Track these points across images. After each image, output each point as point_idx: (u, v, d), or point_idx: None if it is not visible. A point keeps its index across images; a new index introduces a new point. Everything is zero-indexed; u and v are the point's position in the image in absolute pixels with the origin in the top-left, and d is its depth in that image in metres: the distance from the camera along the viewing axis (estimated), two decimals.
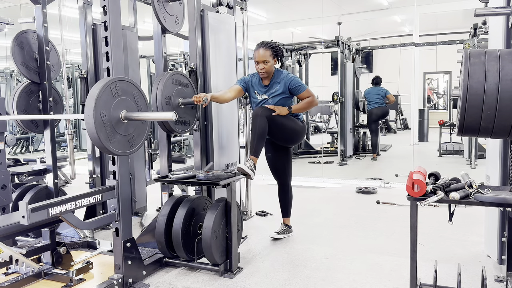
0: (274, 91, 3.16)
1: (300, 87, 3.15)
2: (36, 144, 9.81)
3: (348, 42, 7.69)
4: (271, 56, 3.10)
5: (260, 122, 2.96)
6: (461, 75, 1.96)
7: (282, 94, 3.15)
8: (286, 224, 3.46)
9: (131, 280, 2.53)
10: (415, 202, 1.98)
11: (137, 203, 4.10)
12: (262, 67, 3.10)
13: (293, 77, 3.18)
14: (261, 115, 2.98)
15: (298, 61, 8.43)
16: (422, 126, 9.42)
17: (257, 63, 3.12)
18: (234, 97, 3.22)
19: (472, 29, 6.36)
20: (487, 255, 2.89)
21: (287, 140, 3.27)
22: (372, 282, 2.56)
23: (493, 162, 2.69)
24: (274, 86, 3.17)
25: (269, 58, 3.09)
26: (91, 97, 2.10)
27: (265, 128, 2.98)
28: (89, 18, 3.55)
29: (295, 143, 3.42)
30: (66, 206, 2.15)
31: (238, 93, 3.23)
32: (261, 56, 3.09)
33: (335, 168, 7.03)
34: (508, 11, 2.20)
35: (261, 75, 3.15)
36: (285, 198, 3.41)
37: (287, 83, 3.13)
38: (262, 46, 3.11)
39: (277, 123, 3.06)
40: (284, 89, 3.14)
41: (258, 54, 3.10)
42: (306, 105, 3.20)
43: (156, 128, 4.91)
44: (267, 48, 3.10)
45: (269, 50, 3.10)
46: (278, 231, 3.40)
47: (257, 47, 3.13)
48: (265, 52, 3.09)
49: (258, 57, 3.10)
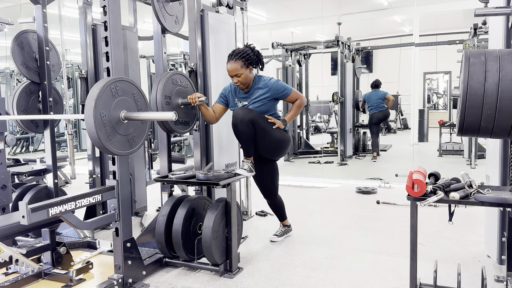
0: (254, 97, 3.01)
1: (286, 91, 3.02)
2: (36, 144, 9.81)
3: (348, 42, 7.69)
4: (243, 67, 2.92)
5: (243, 128, 2.86)
6: (461, 75, 1.96)
7: (264, 100, 2.99)
8: (285, 225, 3.46)
9: (131, 280, 2.53)
10: (415, 202, 1.98)
11: (137, 203, 4.10)
12: (236, 80, 2.95)
13: (276, 81, 3.02)
14: (242, 119, 2.85)
15: (298, 61, 8.44)
16: (422, 126, 9.42)
17: (231, 77, 2.98)
18: (219, 118, 3.14)
19: (472, 29, 6.36)
20: (487, 255, 2.89)
21: (272, 150, 3.07)
22: (372, 282, 2.56)
23: (493, 162, 2.69)
24: (255, 92, 3.02)
25: (241, 70, 2.92)
26: (91, 97, 2.10)
27: (249, 132, 2.88)
28: (89, 18, 3.55)
29: (279, 154, 3.16)
30: (66, 206, 2.15)
31: (223, 112, 3.14)
32: (232, 70, 2.93)
33: (335, 168, 7.04)
34: (508, 11, 2.20)
35: (239, 86, 3.01)
36: (277, 208, 3.38)
37: (271, 89, 2.98)
38: (231, 59, 2.94)
39: (259, 128, 2.92)
40: (268, 94, 2.99)
41: (228, 69, 2.95)
42: (297, 110, 3.11)
43: (156, 128, 4.92)
44: (237, 60, 2.92)
45: (239, 61, 2.91)
46: (278, 234, 3.38)
47: (229, 58, 2.96)
48: (235, 65, 2.91)
49: (229, 71, 2.95)
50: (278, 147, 3.08)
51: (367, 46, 8.69)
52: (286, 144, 3.11)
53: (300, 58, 8.52)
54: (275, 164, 3.25)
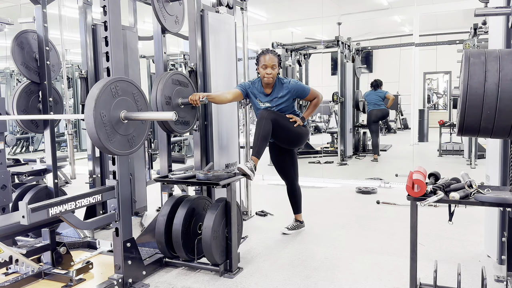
0: (276, 98, 3.19)
1: (305, 90, 3.25)
2: (36, 144, 9.81)
3: (348, 42, 7.69)
4: (278, 63, 3.16)
5: (265, 125, 3.01)
6: (461, 75, 1.96)
7: (286, 102, 3.20)
8: (298, 220, 3.58)
9: (131, 280, 2.53)
10: (415, 202, 1.98)
11: (137, 203, 4.10)
12: (270, 72, 3.11)
13: (295, 82, 3.24)
14: (267, 117, 3.02)
15: (298, 61, 8.43)
16: (422, 126, 9.42)
17: (265, 67, 3.11)
18: (233, 99, 3.22)
19: (472, 29, 6.36)
20: (487, 255, 2.89)
21: (291, 143, 3.32)
22: (372, 282, 2.56)
23: (493, 162, 2.69)
24: (277, 93, 3.20)
25: (277, 65, 3.14)
26: (91, 97, 2.10)
27: (269, 131, 3.02)
28: (89, 18, 3.55)
29: (299, 146, 3.47)
30: (66, 206, 2.15)
31: (237, 97, 3.23)
32: (271, 60, 3.11)
33: (335, 168, 7.04)
34: (508, 11, 2.20)
35: (267, 80, 3.13)
36: (294, 196, 3.53)
37: (292, 90, 3.18)
38: (270, 52, 3.16)
39: (282, 126, 3.12)
40: (289, 95, 3.19)
41: (269, 58, 3.12)
42: (314, 108, 3.37)
43: (156, 128, 4.92)
44: (275, 55, 3.16)
45: (276, 57, 3.15)
46: (289, 227, 3.52)
47: (266, 52, 3.16)
48: (274, 58, 3.13)
49: (269, 61, 3.11)
50: (299, 140, 3.33)
51: (367, 46, 8.68)
52: (305, 136, 3.37)
53: (300, 58, 8.51)
54: (294, 152, 3.52)
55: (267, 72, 3.11)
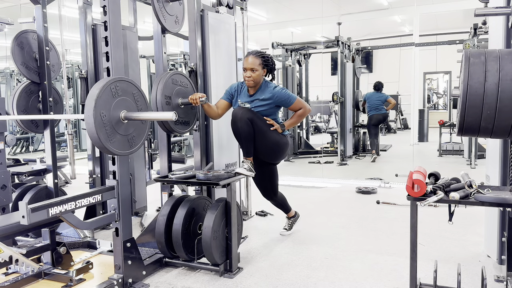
0: (257, 101, 3.02)
1: (289, 99, 3.03)
2: (36, 144, 9.81)
3: (348, 42, 7.69)
4: (260, 65, 2.97)
5: (242, 126, 2.89)
6: (461, 75, 1.96)
7: (266, 105, 3.01)
8: (290, 217, 3.55)
9: (131, 280, 2.53)
10: (415, 202, 1.98)
11: (137, 203, 4.10)
12: (249, 75, 2.95)
13: (281, 89, 3.04)
14: (241, 118, 2.88)
15: (298, 61, 8.44)
16: (422, 126, 9.43)
17: (244, 70, 2.98)
18: (222, 114, 3.14)
19: (472, 29, 6.37)
20: (487, 255, 2.89)
21: (268, 152, 3.08)
22: (372, 282, 2.56)
23: (493, 162, 2.69)
24: (259, 95, 3.03)
25: (258, 67, 2.96)
26: (91, 97, 2.10)
27: (249, 131, 2.90)
28: (89, 18, 3.55)
29: (277, 157, 3.16)
30: (66, 206, 2.15)
31: (226, 109, 3.15)
32: (250, 63, 2.95)
33: (335, 168, 7.04)
34: (508, 11, 2.20)
35: (247, 83, 2.99)
36: (277, 205, 3.45)
37: (275, 96, 2.99)
38: (252, 54, 3.00)
39: (257, 129, 2.95)
40: (271, 101, 3.00)
41: (247, 61, 2.97)
42: (298, 119, 3.14)
43: (156, 128, 4.92)
44: (257, 57, 2.98)
45: (258, 59, 2.97)
46: (286, 228, 3.51)
47: (247, 54, 3.03)
48: (254, 60, 2.96)
49: (246, 64, 2.96)
50: (275, 150, 3.09)
51: (367, 46, 8.69)
52: (284, 147, 3.11)
53: (300, 58, 8.52)
54: (275, 167, 3.26)
55: (247, 75, 2.96)
